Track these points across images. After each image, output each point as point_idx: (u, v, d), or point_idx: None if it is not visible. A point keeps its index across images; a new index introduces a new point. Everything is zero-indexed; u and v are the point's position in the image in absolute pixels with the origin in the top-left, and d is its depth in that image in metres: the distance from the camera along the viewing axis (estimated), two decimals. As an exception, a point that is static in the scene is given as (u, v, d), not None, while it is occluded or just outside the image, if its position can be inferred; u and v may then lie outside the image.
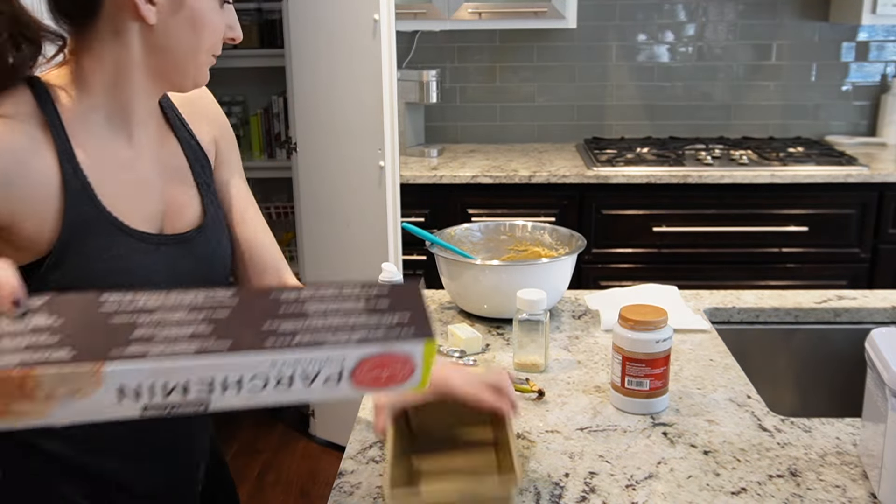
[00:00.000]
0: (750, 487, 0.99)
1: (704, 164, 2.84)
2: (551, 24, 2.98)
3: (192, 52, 0.98)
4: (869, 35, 3.24)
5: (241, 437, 3.07)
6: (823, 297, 1.62)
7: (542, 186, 2.80)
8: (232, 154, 1.17)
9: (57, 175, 0.90)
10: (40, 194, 0.89)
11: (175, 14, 0.94)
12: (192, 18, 0.95)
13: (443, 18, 2.98)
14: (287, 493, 2.73)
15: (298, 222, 2.86)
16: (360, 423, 1.17)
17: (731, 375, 1.30)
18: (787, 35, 3.25)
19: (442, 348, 1.39)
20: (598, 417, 1.17)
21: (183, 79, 1.00)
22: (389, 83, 2.43)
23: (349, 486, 1.01)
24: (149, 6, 0.91)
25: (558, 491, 0.99)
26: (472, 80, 3.36)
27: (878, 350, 0.96)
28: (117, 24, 0.92)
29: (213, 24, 0.98)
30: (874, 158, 2.96)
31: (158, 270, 0.98)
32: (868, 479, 1.00)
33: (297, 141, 2.77)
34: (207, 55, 1.00)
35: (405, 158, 3.10)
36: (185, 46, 0.97)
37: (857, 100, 3.31)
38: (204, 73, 1.02)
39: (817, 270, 2.82)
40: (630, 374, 1.16)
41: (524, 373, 1.31)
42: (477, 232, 1.68)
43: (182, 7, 0.94)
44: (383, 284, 0.76)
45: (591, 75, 3.32)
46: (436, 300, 1.63)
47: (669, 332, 1.15)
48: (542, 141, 3.40)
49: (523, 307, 1.28)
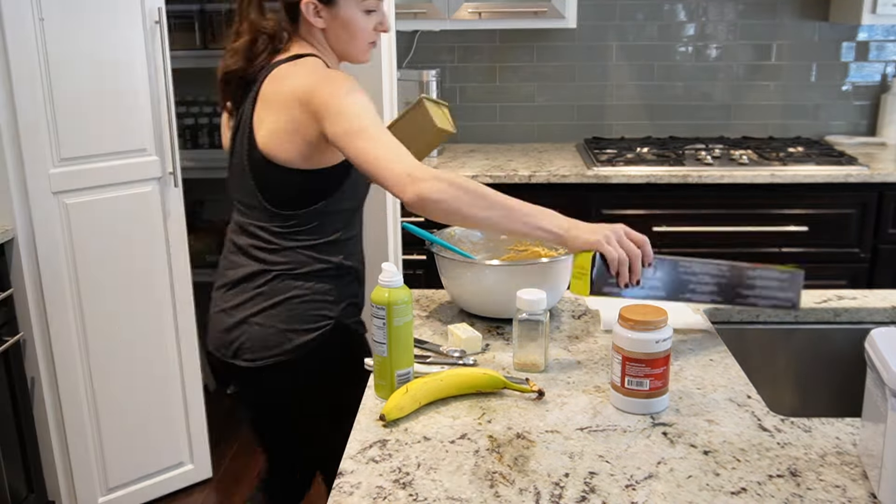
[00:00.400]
0: (750, 487, 0.99)
1: (704, 164, 2.84)
2: (551, 24, 2.98)
3: (350, 43, 1.57)
4: (869, 35, 3.24)
5: (241, 437, 3.07)
6: (823, 297, 1.62)
7: (542, 186, 2.80)
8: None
9: None
10: None
11: (333, 20, 1.53)
12: (345, 24, 1.54)
13: (443, 18, 2.98)
14: (287, 493, 2.72)
15: (298, 222, 2.85)
16: (359, 423, 1.17)
17: (731, 375, 1.30)
18: (787, 35, 3.25)
19: (442, 348, 1.39)
20: (598, 417, 1.17)
21: (351, 59, 1.62)
22: (389, 83, 2.43)
23: (349, 486, 1.01)
24: (317, 18, 1.53)
25: (558, 491, 0.99)
26: (472, 80, 3.36)
27: (878, 350, 0.96)
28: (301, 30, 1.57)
29: (362, 25, 1.55)
30: (874, 158, 2.96)
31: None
32: (868, 479, 1.00)
33: (297, 141, 2.76)
34: (363, 44, 1.58)
35: (405, 158, 3.10)
36: (344, 40, 1.56)
37: (857, 100, 3.31)
38: (365, 56, 1.62)
39: (817, 270, 2.82)
40: (630, 373, 1.16)
41: (524, 373, 1.31)
42: (477, 231, 1.68)
43: (337, 17, 1.53)
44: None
45: (591, 75, 3.32)
46: (436, 300, 1.63)
47: (669, 332, 1.15)
48: (542, 141, 3.40)
49: (523, 307, 1.28)
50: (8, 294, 2.21)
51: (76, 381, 2.37)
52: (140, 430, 2.54)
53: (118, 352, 2.45)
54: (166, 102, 2.40)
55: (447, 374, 1.23)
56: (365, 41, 1.57)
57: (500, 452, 1.08)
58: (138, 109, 2.36)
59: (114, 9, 2.27)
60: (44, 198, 2.23)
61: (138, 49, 2.33)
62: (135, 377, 2.50)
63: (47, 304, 2.28)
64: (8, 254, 2.22)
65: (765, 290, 1.44)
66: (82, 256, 2.32)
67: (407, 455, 1.08)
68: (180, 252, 2.53)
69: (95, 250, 2.35)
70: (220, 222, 3.52)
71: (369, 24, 1.55)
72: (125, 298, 2.43)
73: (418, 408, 1.19)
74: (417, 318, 1.54)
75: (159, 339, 2.54)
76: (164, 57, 2.38)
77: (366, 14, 1.53)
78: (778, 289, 1.45)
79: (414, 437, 1.12)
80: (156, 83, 2.38)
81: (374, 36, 1.58)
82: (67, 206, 2.28)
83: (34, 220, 2.22)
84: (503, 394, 1.24)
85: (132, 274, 2.44)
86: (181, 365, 2.60)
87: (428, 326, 1.50)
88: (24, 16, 2.12)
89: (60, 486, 2.41)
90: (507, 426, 1.15)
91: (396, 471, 1.04)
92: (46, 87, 2.18)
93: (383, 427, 1.15)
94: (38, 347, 2.30)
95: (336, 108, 1.42)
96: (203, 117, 3.32)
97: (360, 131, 1.40)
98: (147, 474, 2.59)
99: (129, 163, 2.38)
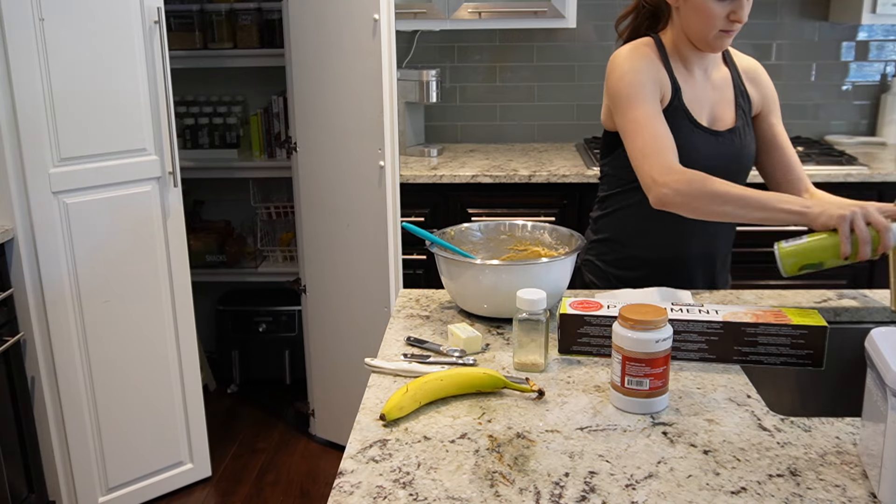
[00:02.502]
0: (750, 487, 0.99)
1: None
2: (551, 24, 2.98)
3: (700, 29, 1.58)
4: (869, 35, 3.24)
5: (241, 437, 3.07)
6: (823, 297, 1.62)
7: (542, 186, 2.80)
8: (773, 106, 1.76)
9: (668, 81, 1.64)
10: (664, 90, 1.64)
11: (686, 3, 1.58)
12: (696, 8, 1.57)
13: (443, 18, 2.98)
14: (287, 493, 2.73)
15: (298, 222, 2.86)
16: (359, 423, 1.17)
17: (731, 375, 1.30)
18: (786, 35, 3.25)
19: (442, 348, 1.39)
20: (598, 417, 1.17)
21: (702, 45, 1.62)
22: (389, 83, 2.43)
23: (349, 485, 1.01)
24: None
25: (558, 490, 0.99)
26: (471, 80, 3.36)
27: (878, 350, 0.96)
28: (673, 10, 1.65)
29: (713, 12, 1.55)
30: (874, 158, 2.96)
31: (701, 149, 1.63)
32: (868, 478, 1.00)
33: (297, 141, 2.77)
34: (714, 31, 1.57)
35: (405, 158, 3.10)
36: (695, 26, 1.59)
37: (857, 99, 3.31)
38: (718, 45, 1.60)
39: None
40: (630, 373, 1.16)
41: (524, 372, 1.31)
42: (477, 232, 1.68)
43: (689, 1, 1.58)
44: None
45: (591, 75, 3.32)
46: (436, 300, 1.63)
47: (669, 331, 1.15)
48: (542, 141, 3.40)
49: (523, 307, 1.28)
50: (8, 294, 2.21)
51: (76, 381, 2.37)
52: (140, 429, 2.54)
53: (118, 351, 2.45)
54: (165, 102, 2.41)
55: (447, 374, 1.23)
56: (715, 27, 1.56)
57: (501, 452, 1.08)
58: (138, 109, 2.36)
59: (113, 9, 2.27)
60: (44, 198, 2.23)
61: (138, 49, 2.33)
62: (135, 377, 2.50)
63: (47, 304, 2.28)
64: (8, 254, 2.22)
65: (772, 346, 1.29)
66: (82, 256, 2.33)
67: (407, 455, 1.08)
68: (180, 252, 2.54)
69: (95, 250, 2.35)
70: (220, 222, 3.53)
71: (722, 10, 1.54)
72: (125, 298, 2.44)
73: (418, 407, 1.19)
74: (417, 318, 1.54)
75: (159, 338, 2.54)
76: (164, 57, 2.38)
77: (719, 1, 1.53)
78: (790, 346, 1.29)
79: (414, 437, 1.12)
80: (155, 83, 2.39)
81: (727, 24, 1.56)
82: (67, 205, 2.28)
83: (34, 220, 2.22)
84: (503, 393, 1.24)
85: (132, 274, 2.44)
86: (181, 365, 2.60)
87: (428, 326, 1.50)
88: (24, 16, 2.12)
89: (60, 486, 2.41)
90: (507, 426, 1.15)
91: (396, 470, 1.04)
92: (46, 87, 2.18)
93: (383, 427, 1.15)
94: (38, 347, 2.30)
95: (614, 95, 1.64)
96: (203, 117, 3.32)
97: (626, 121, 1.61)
98: (147, 474, 2.60)
99: (129, 162, 2.38)
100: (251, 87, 3.43)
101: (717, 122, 1.68)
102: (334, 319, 2.82)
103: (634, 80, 1.60)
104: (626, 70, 1.61)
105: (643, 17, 1.72)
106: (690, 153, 1.60)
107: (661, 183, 1.51)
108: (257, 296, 3.44)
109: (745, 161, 1.70)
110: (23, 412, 2.28)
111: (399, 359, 1.36)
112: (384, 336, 1.47)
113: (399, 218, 2.55)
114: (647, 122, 1.57)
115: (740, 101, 1.71)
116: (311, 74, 2.66)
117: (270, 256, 3.48)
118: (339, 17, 2.51)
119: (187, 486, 2.71)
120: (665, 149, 1.55)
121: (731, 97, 1.71)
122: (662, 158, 1.53)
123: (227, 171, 3.31)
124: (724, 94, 1.70)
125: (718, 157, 1.65)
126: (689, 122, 1.64)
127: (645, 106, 1.58)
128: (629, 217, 1.75)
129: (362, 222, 2.61)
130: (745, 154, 1.70)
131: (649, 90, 1.60)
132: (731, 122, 1.69)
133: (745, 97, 1.72)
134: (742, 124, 1.69)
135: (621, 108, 1.61)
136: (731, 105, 1.70)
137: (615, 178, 1.76)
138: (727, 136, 1.67)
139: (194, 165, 3.25)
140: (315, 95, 2.66)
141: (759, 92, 1.75)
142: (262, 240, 3.45)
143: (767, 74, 1.79)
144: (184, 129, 3.31)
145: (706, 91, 1.68)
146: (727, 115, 1.69)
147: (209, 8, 3.22)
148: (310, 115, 2.70)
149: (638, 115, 1.58)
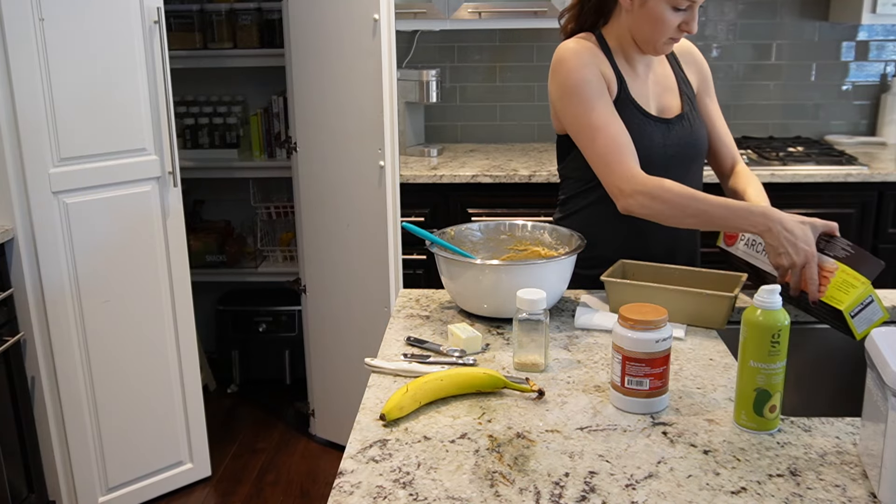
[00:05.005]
0: (750, 487, 0.99)
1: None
2: (551, 24, 2.98)
3: (651, 35, 1.60)
4: (869, 34, 3.24)
5: (241, 438, 3.07)
6: (823, 297, 1.62)
7: (542, 186, 2.80)
8: (707, 84, 1.81)
9: (613, 76, 1.64)
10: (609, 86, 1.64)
11: (641, 8, 1.57)
12: (650, 15, 1.57)
13: (443, 18, 2.98)
14: (287, 493, 2.73)
15: (298, 222, 2.86)
16: (359, 423, 1.17)
17: (731, 375, 1.30)
18: (786, 35, 3.25)
19: (442, 348, 1.39)
20: (598, 417, 1.17)
21: (648, 49, 1.64)
22: (389, 83, 2.43)
23: (349, 485, 1.01)
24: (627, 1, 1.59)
25: (558, 490, 0.99)
26: (471, 80, 3.36)
27: (878, 350, 0.96)
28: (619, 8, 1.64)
29: (667, 22, 1.56)
30: (874, 158, 2.96)
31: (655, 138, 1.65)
32: (868, 478, 1.00)
33: (297, 141, 2.77)
34: (665, 38, 1.59)
35: (405, 158, 3.10)
36: (646, 31, 1.60)
37: (857, 99, 3.31)
38: (664, 50, 1.63)
39: (817, 270, 2.81)
40: (630, 373, 1.16)
41: (524, 372, 1.31)
42: (477, 232, 1.68)
43: (644, 6, 1.57)
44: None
45: (591, 75, 3.32)
46: (436, 300, 1.63)
47: (669, 331, 1.15)
48: (542, 140, 3.40)
49: (523, 307, 1.28)
50: (8, 294, 2.21)
51: (76, 381, 2.37)
52: (140, 429, 2.54)
53: (118, 351, 2.45)
54: (165, 102, 2.41)
55: (447, 374, 1.23)
56: (664, 35, 1.59)
57: (501, 452, 1.08)
58: (138, 109, 2.36)
59: (113, 9, 2.27)
60: (44, 197, 2.23)
61: (138, 49, 2.33)
62: (135, 377, 2.50)
63: (47, 304, 2.28)
64: (8, 254, 2.22)
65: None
66: (82, 256, 2.33)
67: (407, 455, 1.08)
68: (180, 252, 2.54)
69: (95, 250, 2.35)
70: (219, 222, 3.53)
71: (676, 20, 1.56)
72: (125, 298, 2.44)
73: (418, 407, 1.19)
74: (417, 318, 1.54)
75: (159, 338, 2.54)
76: (164, 57, 2.38)
77: (673, 10, 1.55)
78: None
79: (414, 437, 1.12)
80: (155, 83, 2.39)
81: (677, 33, 1.59)
82: (67, 205, 2.28)
83: (34, 219, 2.22)
84: (503, 393, 1.24)
85: (132, 273, 2.44)
86: (181, 365, 2.60)
87: (428, 326, 1.50)
88: (25, 16, 2.12)
89: (60, 486, 2.41)
90: (507, 426, 1.15)
91: (396, 470, 1.04)
92: (46, 87, 2.18)
93: (383, 427, 1.15)
94: (38, 347, 2.30)
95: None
96: (203, 117, 3.32)
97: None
98: (147, 473, 2.60)
99: (129, 162, 2.38)
100: (251, 87, 3.43)
101: (665, 112, 1.70)
102: (334, 319, 2.81)
103: (583, 76, 1.60)
104: (574, 66, 1.61)
105: (588, 11, 1.70)
106: (645, 143, 1.63)
107: (627, 193, 1.55)
108: (257, 296, 3.44)
109: (699, 146, 1.74)
110: (23, 412, 2.28)
111: (399, 359, 1.36)
112: (384, 336, 1.47)
113: (399, 218, 2.55)
114: (602, 124, 1.58)
115: (683, 87, 1.75)
116: (311, 74, 2.66)
117: (270, 256, 3.48)
118: (339, 17, 2.51)
119: (187, 485, 2.71)
120: (625, 153, 1.57)
121: (675, 86, 1.74)
122: (625, 166, 1.56)
123: (227, 171, 3.31)
124: (667, 84, 1.73)
125: (674, 146, 1.68)
126: (640, 113, 1.65)
127: (597, 105, 1.59)
128: (591, 217, 1.74)
129: (362, 222, 2.61)
130: (699, 138, 1.73)
131: (598, 86, 1.61)
132: (678, 110, 1.72)
133: (687, 83, 1.76)
134: (689, 109, 1.73)
135: (572, 105, 1.61)
136: (676, 93, 1.73)
137: (573, 180, 1.77)
138: (677, 123, 1.70)
139: (194, 165, 3.25)
140: (315, 95, 2.66)
141: (696, 72, 1.79)
142: (262, 240, 3.45)
143: (701, 53, 1.83)
144: (184, 129, 3.31)
145: (650, 84, 1.70)
146: (673, 103, 1.72)
147: (209, 8, 3.22)
148: (310, 115, 2.70)
149: (592, 117, 1.59)
